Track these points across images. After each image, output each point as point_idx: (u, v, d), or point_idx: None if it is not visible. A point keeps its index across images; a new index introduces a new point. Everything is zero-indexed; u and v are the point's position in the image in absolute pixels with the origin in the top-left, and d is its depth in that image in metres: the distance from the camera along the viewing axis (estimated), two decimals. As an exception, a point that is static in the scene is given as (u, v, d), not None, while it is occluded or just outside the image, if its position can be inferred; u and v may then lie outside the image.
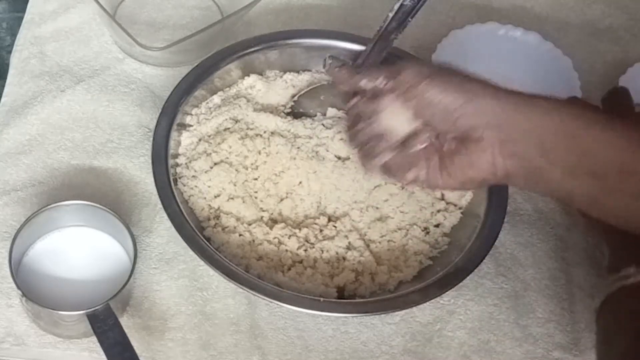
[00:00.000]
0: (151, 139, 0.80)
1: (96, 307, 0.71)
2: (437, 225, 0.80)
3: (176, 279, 0.79)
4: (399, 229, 0.79)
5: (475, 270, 0.76)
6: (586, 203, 0.63)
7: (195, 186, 0.79)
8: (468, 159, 0.64)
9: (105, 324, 0.70)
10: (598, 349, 0.66)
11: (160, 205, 0.78)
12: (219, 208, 0.78)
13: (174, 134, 0.80)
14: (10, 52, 0.96)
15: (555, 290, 0.83)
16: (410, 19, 0.83)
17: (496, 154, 0.63)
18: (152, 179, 0.77)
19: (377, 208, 0.79)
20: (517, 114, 0.62)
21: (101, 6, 0.86)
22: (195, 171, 0.79)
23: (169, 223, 0.75)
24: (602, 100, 0.85)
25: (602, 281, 0.82)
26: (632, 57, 0.99)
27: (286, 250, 0.76)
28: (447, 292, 0.76)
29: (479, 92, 0.63)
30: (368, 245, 0.78)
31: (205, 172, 0.79)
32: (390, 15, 0.83)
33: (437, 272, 0.75)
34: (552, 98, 0.62)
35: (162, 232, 0.82)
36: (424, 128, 0.67)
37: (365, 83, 0.70)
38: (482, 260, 0.75)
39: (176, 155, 0.81)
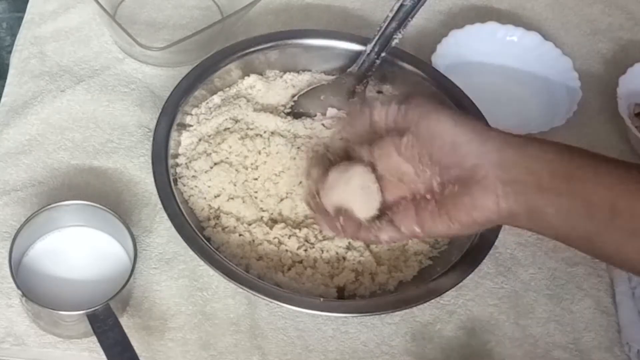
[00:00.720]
0: (151, 138, 0.80)
1: (96, 307, 0.71)
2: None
3: (176, 279, 0.79)
4: None
5: (475, 270, 0.76)
6: (582, 243, 0.65)
7: (195, 186, 0.79)
8: (471, 199, 0.63)
9: (105, 324, 0.70)
10: None
11: (160, 205, 0.78)
12: (219, 208, 0.78)
13: (174, 134, 0.80)
14: (10, 52, 0.96)
15: (555, 290, 0.83)
16: (410, 19, 0.83)
17: (499, 194, 0.63)
18: (152, 179, 0.77)
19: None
20: (519, 154, 0.63)
21: (101, 6, 0.86)
22: (195, 171, 0.79)
23: (169, 223, 0.75)
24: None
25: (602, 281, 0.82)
26: (632, 57, 0.99)
27: (286, 250, 0.76)
28: (447, 292, 0.75)
29: (484, 131, 0.64)
30: (368, 246, 0.78)
31: (205, 172, 0.79)
32: (390, 15, 0.83)
33: (437, 272, 0.75)
34: (549, 141, 0.64)
35: (162, 232, 0.82)
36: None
37: (378, 112, 0.68)
38: (482, 260, 0.75)
39: (176, 155, 0.81)
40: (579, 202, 0.62)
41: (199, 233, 0.74)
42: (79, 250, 0.77)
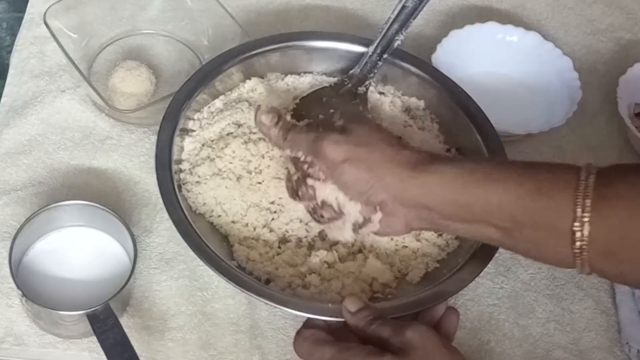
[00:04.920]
0: (151, 137, 0.80)
1: (96, 307, 0.71)
2: None
3: (176, 279, 0.79)
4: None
5: (475, 270, 0.76)
6: (497, 245, 0.72)
7: (200, 192, 0.78)
8: (387, 223, 0.72)
9: (105, 324, 0.70)
10: None
11: (160, 205, 0.78)
12: (225, 214, 0.78)
13: (177, 140, 0.80)
14: (10, 52, 0.96)
15: (555, 290, 0.83)
16: (412, 20, 0.83)
17: (408, 219, 0.71)
18: (152, 179, 0.77)
19: None
20: (415, 189, 0.69)
21: (75, 66, 0.85)
22: (199, 177, 0.79)
23: (169, 223, 0.75)
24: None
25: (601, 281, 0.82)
26: (632, 57, 0.99)
27: (295, 266, 0.76)
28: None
29: (385, 172, 0.70)
30: (376, 250, 0.77)
31: (210, 177, 0.79)
32: (392, 16, 0.83)
33: (443, 275, 0.75)
34: (449, 163, 0.70)
35: (162, 232, 0.82)
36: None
37: (288, 153, 0.74)
38: (488, 263, 0.75)
39: (180, 161, 0.80)
40: (481, 218, 0.67)
41: (205, 242, 0.73)
42: (79, 250, 0.77)
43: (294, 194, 0.76)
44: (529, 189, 0.65)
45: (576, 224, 0.62)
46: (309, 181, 0.73)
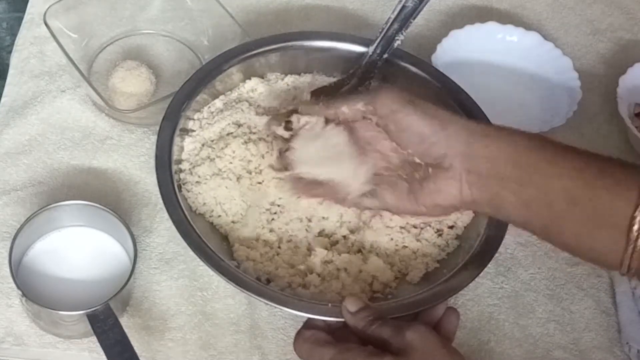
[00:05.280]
0: (151, 137, 0.80)
1: (96, 307, 0.71)
2: (451, 227, 0.79)
3: (176, 279, 0.79)
4: (414, 227, 0.78)
5: (475, 270, 0.76)
6: (541, 231, 0.68)
7: (200, 193, 0.78)
8: (436, 186, 0.69)
9: (105, 324, 0.70)
10: None
11: (160, 205, 0.78)
12: (225, 214, 0.78)
13: (177, 140, 0.80)
14: (10, 52, 0.96)
15: (555, 290, 0.83)
16: (412, 20, 0.83)
17: (463, 182, 0.68)
18: (152, 179, 0.77)
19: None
20: (482, 145, 0.67)
21: (75, 66, 0.85)
22: (199, 177, 0.79)
23: (169, 223, 0.75)
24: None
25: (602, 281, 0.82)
26: (632, 57, 0.99)
27: (295, 266, 0.76)
28: (447, 292, 0.75)
29: (451, 123, 0.68)
30: (376, 250, 0.77)
31: (210, 177, 0.79)
32: (392, 16, 0.83)
33: (443, 275, 0.75)
34: (515, 130, 0.68)
35: (162, 232, 0.82)
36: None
37: (346, 109, 0.73)
38: (488, 263, 0.75)
39: (180, 161, 0.80)
40: (538, 192, 0.65)
41: (205, 241, 0.73)
42: (79, 250, 0.77)
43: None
44: (595, 167, 0.64)
45: (638, 210, 0.61)
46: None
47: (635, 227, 0.61)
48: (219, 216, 0.78)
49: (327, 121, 0.75)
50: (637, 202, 0.61)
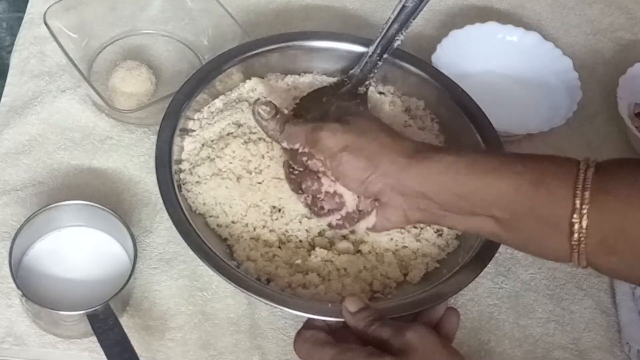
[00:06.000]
0: (151, 137, 0.80)
1: (96, 307, 0.71)
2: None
3: (176, 279, 0.79)
4: (414, 227, 0.78)
5: (475, 270, 0.76)
6: (493, 239, 0.71)
7: (200, 193, 0.78)
8: (384, 215, 0.72)
9: (105, 324, 0.70)
10: None
11: (160, 205, 0.78)
12: (224, 214, 0.78)
13: (177, 140, 0.80)
14: (10, 52, 0.96)
15: (555, 290, 0.83)
16: (412, 20, 0.83)
17: (405, 209, 0.71)
18: (152, 179, 0.77)
19: None
20: (413, 178, 0.69)
21: (75, 66, 0.85)
22: (199, 177, 0.79)
23: (169, 223, 0.75)
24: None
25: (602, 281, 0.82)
26: (632, 57, 0.99)
27: (293, 264, 0.76)
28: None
29: (382, 161, 0.70)
30: (376, 250, 0.77)
31: (210, 177, 0.79)
32: (392, 16, 0.83)
33: (443, 275, 0.75)
34: (448, 151, 0.70)
35: (162, 232, 0.82)
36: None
37: (286, 145, 0.74)
38: (488, 263, 0.75)
39: (180, 161, 0.80)
40: (480, 209, 0.67)
41: (205, 241, 0.73)
42: (79, 250, 0.77)
43: (297, 186, 0.75)
44: (528, 179, 0.65)
45: (575, 216, 0.62)
46: (312, 174, 0.73)
47: (575, 235, 0.63)
48: (219, 216, 0.78)
49: None
50: (572, 208, 0.62)
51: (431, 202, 0.69)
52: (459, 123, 0.85)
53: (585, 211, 0.62)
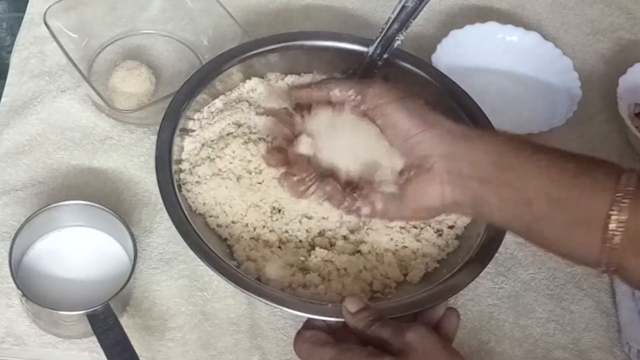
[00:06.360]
0: (151, 137, 0.80)
1: (96, 307, 0.71)
2: (451, 227, 0.79)
3: (176, 279, 0.79)
4: (414, 227, 0.78)
5: (475, 270, 0.76)
6: (523, 231, 0.69)
7: (200, 193, 0.78)
8: (419, 187, 0.70)
9: (105, 324, 0.70)
10: None
11: (160, 205, 0.78)
12: (224, 214, 0.78)
13: (177, 140, 0.80)
14: (10, 52, 0.96)
15: (555, 290, 0.83)
16: (412, 20, 0.83)
17: (445, 183, 0.69)
18: (152, 179, 0.77)
19: None
20: (464, 147, 0.68)
21: (75, 66, 0.85)
22: (199, 177, 0.79)
23: (169, 223, 0.75)
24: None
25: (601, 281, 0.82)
26: (632, 57, 0.99)
27: (295, 266, 0.76)
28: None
29: (436, 124, 0.69)
30: (376, 250, 0.77)
31: (210, 177, 0.79)
32: (392, 16, 0.83)
33: (443, 275, 0.75)
34: (496, 132, 0.70)
35: (162, 232, 0.82)
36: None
37: (336, 92, 0.73)
38: (488, 263, 0.75)
39: (180, 161, 0.80)
40: (518, 192, 0.66)
41: (205, 241, 0.73)
42: (79, 250, 0.77)
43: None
44: (571, 167, 0.65)
45: (614, 207, 0.62)
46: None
47: (612, 225, 0.62)
48: (219, 216, 0.78)
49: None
50: (613, 199, 0.62)
51: (475, 178, 0.67)
52: (459, 123, 0.84)
53: (625, 205, 0.61)
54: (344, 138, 0.76)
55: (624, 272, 0.64)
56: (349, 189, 0.74)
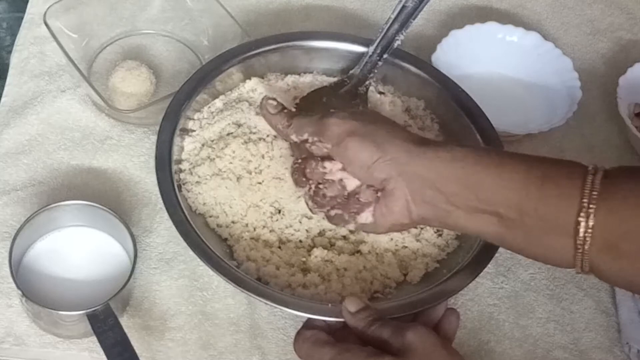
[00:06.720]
0: (151, 137, 0.80)
1: (96, 307, 0.71)
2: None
3: (176, 279, 0.79)
4: (414, 227, 0.78)
5: (475, 270, 0.76)
6: (495, 240, 0.69)
7: (200, 193, 0.78)
8: (387, 207, 0.70)
9: (105, 324, 0.70)
10: None
11: (160, 205, 0.78)
12: (224, 214, 0.78)
13: (177, 140, 0.80)
14: (10, 52, 0.96)
15: (555, 290, 0.83)
16: (412, 20, 0.83)
17: (409, 201, 0.69)
18: (152, 179, 0.77)
19: None
20: (422, 165, 0.68)
21: (75, 66, 0.85)
22: (199, 177, 0.79)
23: (169, 223, 0.75)
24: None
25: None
26: (632, 57, 1.00)
27: (295, 266, 0.76)
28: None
29: (391, 146, 0.69)
30: (376, 250, 0.77)
31: (210, 177, 0.79)
32: (392, 16, 0.83)
33: (443, 275, 0.75)
34: (456, 145, 0.70)
35: (162, 232, 0.82)
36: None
37: (294, 138, 0.74)
38: (488, 263, 0.75)
39: (180, 161, 0.80)
40: (485, 205, 0.66)
41: (205, 241, 0.73)
42: (79, 250, 0.77)
43: (301, 175, 0.75)
44: (536, 176, 0.65)
45: (581, 214, 0.62)
46: (316, 159, 0.73)
47: (581, 232, 0.62)
48: (219, 216, 0.78)
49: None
50: (579, 206, 0.62)
51: (437, 193, 0.68)
52: (459, 123, 0.85)
53: (592, 210, 0.62)
54: None
55: (599, 273, 0.64)
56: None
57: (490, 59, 0.98)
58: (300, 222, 0.78)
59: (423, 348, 0.65)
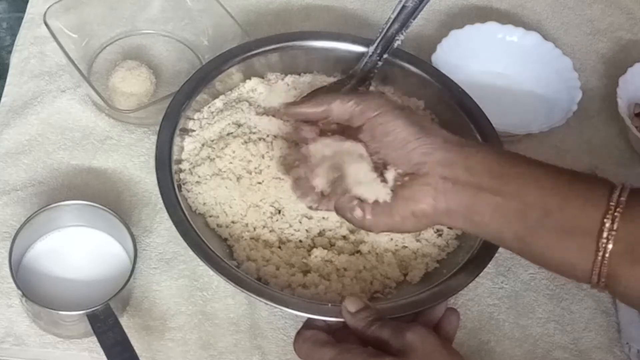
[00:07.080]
0: (151, 137, 0.80)
1: (96, 307, 0.71)
2: (450, 227, 0.79)
3: (176, 279, 0.79)
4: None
5: (475, 270, 0.76)
6: (514, 243, 0.68)
7: (200, 193, 0.78)
8: (411, 192, 0.68)
9: (105, 324, 0.70)
10: None
11: (160, 205, 0.78)
12: (224, 214, 0.78)
13: (177, 140, 0.80)
14: (10, 52, 0.96)
15: (555, 290, 0.83)
16: (412, 20, 0.83)
17: (439, 190, 0.68)
18: (152, 179, 0.77)
19: None
20: (461, 155, 0.68)
21: (75, 66, 0.85)
22: (199, 177, 0.79)
23: (169, 223, 0.75)
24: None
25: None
26: (632, 57, 0.99)
27: (295, 266, 0.76)
28: (447, 292, 0.75)
29: (434, 132, 0.69)
30: (376, 250, 0.77)
31: (210, 177, 0.79)
32: (392, 16, 0.83)
33: (443, 275, 0.75)
34: (489, 144, 0.72)
35: (162, 232, 0.82)
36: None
37: (337, 105, 0.72)
38: (488, 263, 0.75)
39: (180, 161, 0.80)
40: (513, 201, 0.66)
41: (205, 241, 0.73)
42: (79, 250, 0.77)
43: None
44: (565, 177, 0.65)
45: (607, 216, 0.62)
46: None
47: (605, 233, 0.62)
48: (219, 216, 0.78)
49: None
50: (606, 207, 0.62)
51: (470, 186, 0.66)
52: (459, 123, 0.85)
53: (618, 214, 0.62)
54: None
55: (614, 283, 0.64)
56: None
57: (490, 59, 0.98)
58: (300, 222, 0.78)
59: (423, 348, 0.65)
